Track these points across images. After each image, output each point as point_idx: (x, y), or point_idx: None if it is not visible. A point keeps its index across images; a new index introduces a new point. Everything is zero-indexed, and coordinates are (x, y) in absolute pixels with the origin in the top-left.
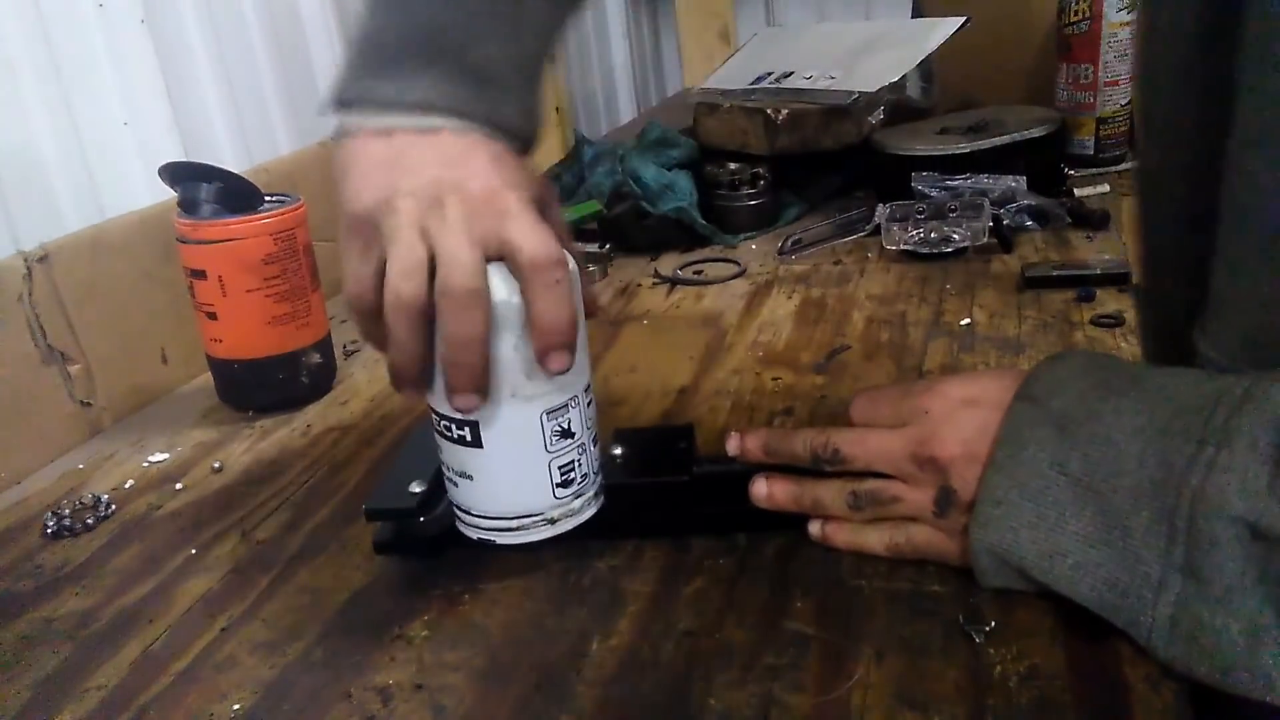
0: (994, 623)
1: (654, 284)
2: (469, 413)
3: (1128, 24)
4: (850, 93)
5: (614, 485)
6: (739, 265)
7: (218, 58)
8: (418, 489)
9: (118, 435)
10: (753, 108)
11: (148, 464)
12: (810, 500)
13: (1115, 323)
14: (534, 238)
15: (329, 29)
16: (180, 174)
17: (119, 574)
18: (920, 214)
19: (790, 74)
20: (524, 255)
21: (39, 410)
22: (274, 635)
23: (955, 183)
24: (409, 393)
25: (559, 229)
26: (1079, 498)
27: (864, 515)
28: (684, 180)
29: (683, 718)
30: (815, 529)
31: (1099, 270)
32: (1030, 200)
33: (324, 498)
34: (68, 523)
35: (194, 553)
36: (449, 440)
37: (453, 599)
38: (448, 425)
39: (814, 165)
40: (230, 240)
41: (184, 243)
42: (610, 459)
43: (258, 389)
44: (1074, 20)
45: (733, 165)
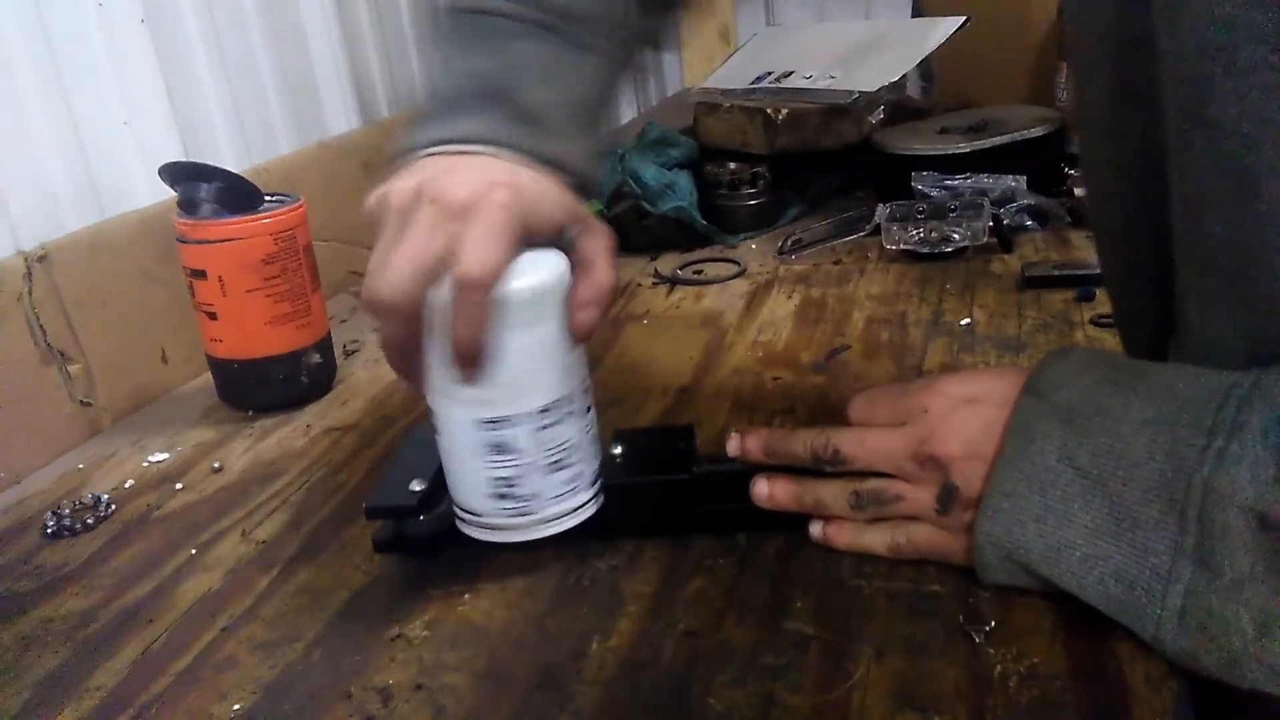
0: (994, 623)
1: (654, 284)
2: (406, 392)
3: None
4: (850, 92)
5: (614, 485)
6: (739, 265)
7: (218, 58)
8: (418, 487)
9: (118, 435)
10: (753, 107)
11: (148, 464)
12: (812, 500)
13: (1115, 322)
14: (475, 253)
15: (329, 29)
16: (180, 174)
17: (119, 574)
18: (920, 214)
19: (790, 74)
20: (457, 269)
21: (39, 410)
22: (274, 635)
23: (955, 183)
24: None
25: (593, 258)
26: (1087, 490)
27: (866, 515)
28: (684, 180)
29: (683, 718)
30: (816, 530)
31: (1099, 270)
32: (1030, 200)
33: (324, 498)
34: (68, 523)
35: (194, 553)
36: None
37: (453, 599)
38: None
39: (814, 165)
40: (230, 240)
41: (184, 243)
42: (610, 459)
43: (258, 389)
44: None
45: (733, 165)
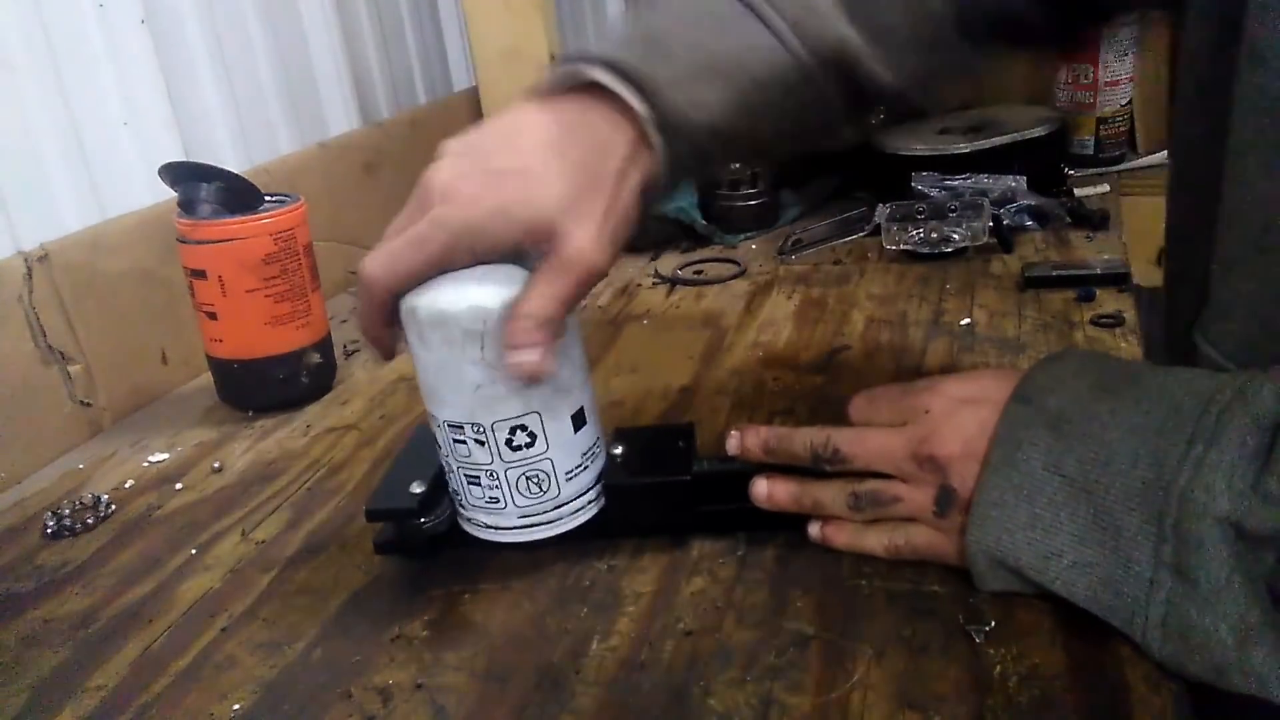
0: (994, 623)
1: (654, 284)
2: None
3: (1128, 24)
4: None
5: (614, 484)
6: (739, 265)
7: (218, 58)
8: (418, 489)
9: (118, 435)
10: None
11: (148, 464)
12: (810, 501)
13: (1115, 323)
14: (377, 255)
15: (329, 29)
16: (180, 174)
17: (119, 574)
18: (920, 214)
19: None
20: (363, 260)
21: (39, 410)
22: (274, 635)
23: (955, 183)
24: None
25: (526, 288)
26: (1074, 498)
27: (864, 516)
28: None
29: (683, 718)
30: (815, 531)
31: (1099, 270)
32: (1030, 200)
33: (324, 498)
34: (68, 523)
35: (194, 553)
36: None
37: (453, 599)
38: None
39: (814, 165)
40: (230, 240)
41: (184, 243)
42: (611, 458)
43: (258, 389)
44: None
45: (732, 165)
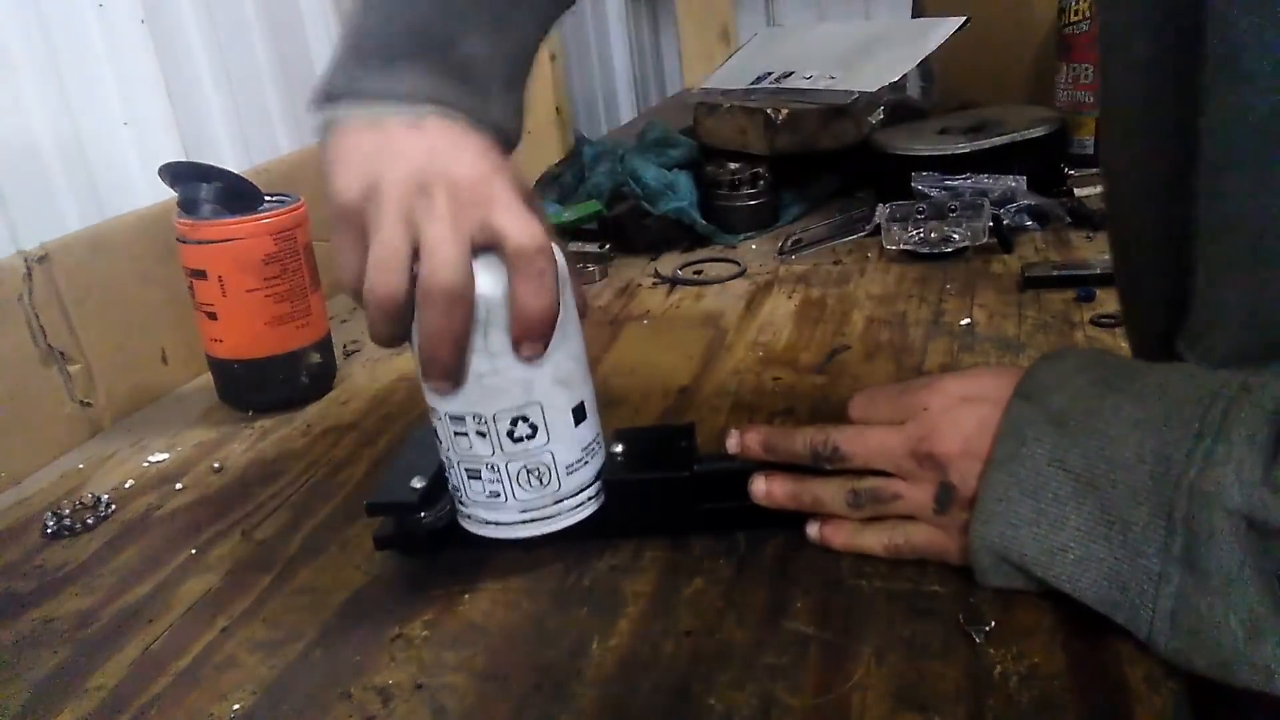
0: (994, 623)
1: (654, 284)
2: (442, 394)
3: None
4: (850, 93)
5: (615, 482)
6: (739, 265)
7: (218, 58)
8: (419, 484)
9: (118, 435)
10: (752, 108)
11: (148, 464)
12: (810, 498)
13: (1115, 322)
14: (521, 224)
15: (329, 29)
16: (180, 174)
17: (119, 574)
18: (920, 214)
19: (790, 74)
20: (510, 243)
21: (39, 410)
22: (274, 635)
23: (955, 183)
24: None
25: (546, 229)
26: (1079, 493)
27: (863, 514)
28: (684, 180)
29: (682, 718)
30: (813, 531)
31: (1099, 270)
32: (1030, 200)
33: (324, 498)
34: (68, 523)
35: (194, 553)
36: None
37: (453, 599)
38: None
39: (814, 165)
40: (230, 240)
41: (184, 243)
42: (611, 457)
43: (258, 389)
44: (1074, 20)
45: (733, 165)
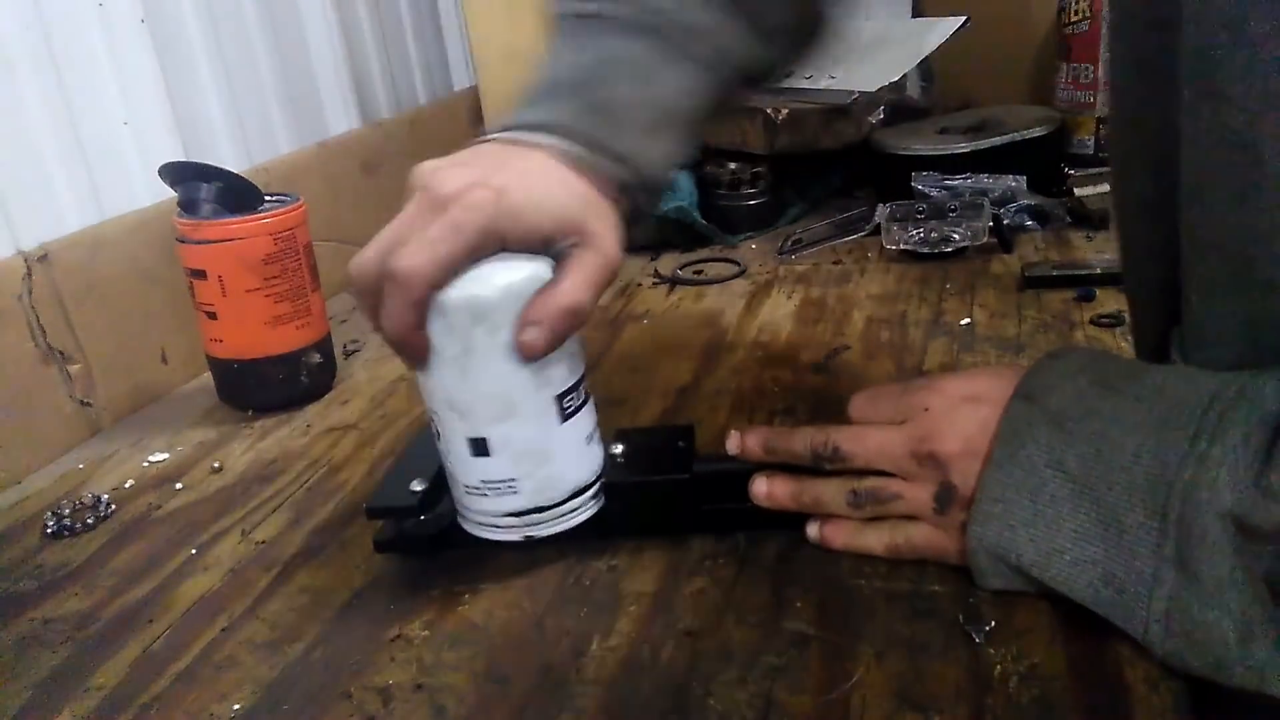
0: (994, 623)
1: (654, 284)
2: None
3: None
4: (850, 92)
5: (615, 483)
6: (739, 265)
7: (218, 58)
8: (419, 488)
9: (118, 435)
10: (752, 107)
11: (148, 464)
12: (810, 498)
13: (1115, 322)
14: (414, 249)
15: (329, 29)
16: (180, 174)
17: (119, 574)
18: (920, 214)
19: (790, 74)
20: (390, 259)
21: (39, 410)
22: (274, 635)
23: (955, 183)
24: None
25: (562, 275)
26: (1075, 494)
27: (863, 514)
28: (684, 180)
29: (682, 718)
30: (813, 531)
31: (1099, 270)
32: (1030, 200)
33: (324, 498)
34: (68, 523)
35: (194, 553)
36: None
37: (453, 599)
38: None
39: (814, 165)
40: (230, 240)
41: (184, 243)
42: (611, 458)
43: (258, 389)
44: (1074, 20)
45: (733, 165)
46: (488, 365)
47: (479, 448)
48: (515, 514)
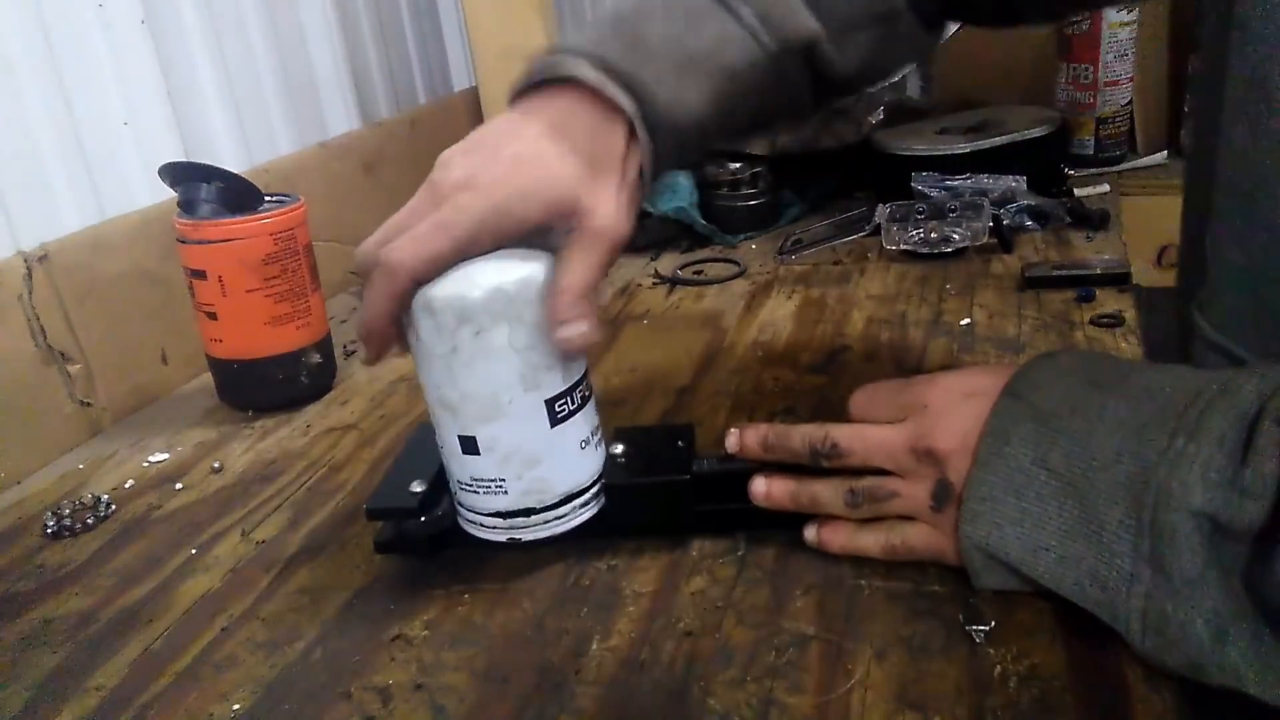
0: (994, 623)
1: (654, 284)
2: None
3: (1128, 24)
4: None
5: (614, 484)
6: (739, 265)
7: (218, 58)
8: (418, 488)
9: (118, 435)
10: None
11: (148, 464)
12: (808, 498)
13: (1115, 323)
14: (402, 244)
15: (329, 29)
16: (180, 174)
17: (119, 574)
18: (920, 214)
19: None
20: (382, 250)
21: (39, 410)
22: (274, 635)
23: (955, 183)
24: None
25: (561, 263)
26: (1060, 492)
27: (861, 513)
28: (684, 180)
29: (682, 718)
30: (811, 534)
31: (1099, 270)
32: (1030, 200)
33: (324, 498)
34: (68, 523)
35: (194, 553)
36: None
37: (453, 599)
38: None
39: (814, 165)
40: (230, 240)
41: (184, 243)
42: (611, 458)
43: (258, 389)
44: (1074, 20)
45: (733, 165)
46: (474, 365)
47: (468, 445)
48: (502, 514)
